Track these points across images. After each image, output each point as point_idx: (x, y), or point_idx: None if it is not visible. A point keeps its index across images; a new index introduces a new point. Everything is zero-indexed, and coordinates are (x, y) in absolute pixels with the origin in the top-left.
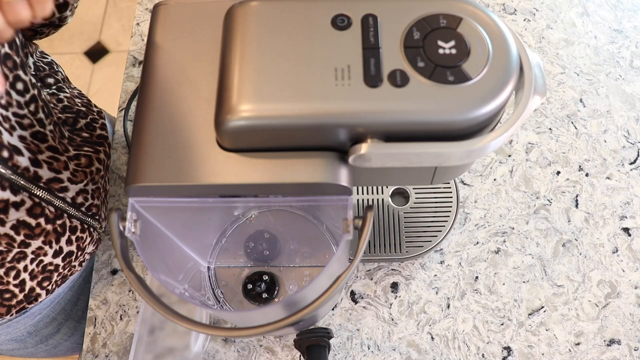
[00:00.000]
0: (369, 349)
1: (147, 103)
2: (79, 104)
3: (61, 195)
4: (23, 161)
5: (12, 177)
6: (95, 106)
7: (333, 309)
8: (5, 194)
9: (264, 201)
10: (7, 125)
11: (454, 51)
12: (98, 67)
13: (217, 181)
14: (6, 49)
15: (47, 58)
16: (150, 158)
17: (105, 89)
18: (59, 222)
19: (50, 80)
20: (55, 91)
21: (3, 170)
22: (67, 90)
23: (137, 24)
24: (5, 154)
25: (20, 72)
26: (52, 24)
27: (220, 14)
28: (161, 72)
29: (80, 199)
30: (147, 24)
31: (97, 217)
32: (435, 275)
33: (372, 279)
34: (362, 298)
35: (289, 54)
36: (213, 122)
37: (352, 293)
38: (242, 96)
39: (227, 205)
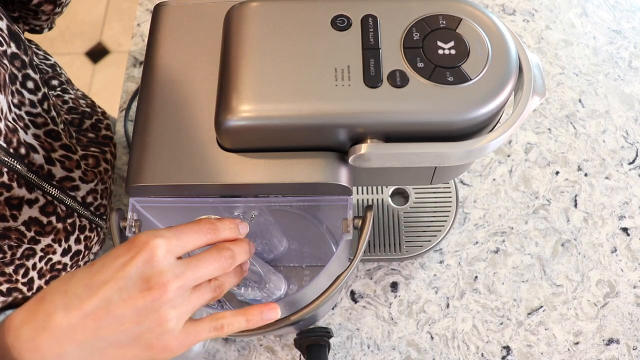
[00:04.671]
0: (368, 348)
1: (147, 103)
2: (84, 105)
3: (72, 194)
4: (38, 159)
5: (27, 174)
6: (99, 107)
7: (333, 309)
8: (21, 192)
9: (264, 201)
10: (21, 124)
11: (453, 52)
12: (99, 68)
13: (217, 181)
14: (13, 48)
15: (50, 60)
16: (150, 158)
17: (106, 89)
18: (69, 220)
19: (55, 83)
20: (60, 93)
21: (20, 167)
22: (71, 91)
23: (138, 24)
24: (23, 151)
25: (30, 71)
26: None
27: (220, 15)
28: (162, 73)
29: (90, 199)
30: (148, 25)
31: (104, 217)
32: (435, 274)
33: (371, 279)
34: (362, 297)
35: (289, 54)
36: (213, 122)
37: (352, 292)
38: (242, 96)
39: (227, 205)
